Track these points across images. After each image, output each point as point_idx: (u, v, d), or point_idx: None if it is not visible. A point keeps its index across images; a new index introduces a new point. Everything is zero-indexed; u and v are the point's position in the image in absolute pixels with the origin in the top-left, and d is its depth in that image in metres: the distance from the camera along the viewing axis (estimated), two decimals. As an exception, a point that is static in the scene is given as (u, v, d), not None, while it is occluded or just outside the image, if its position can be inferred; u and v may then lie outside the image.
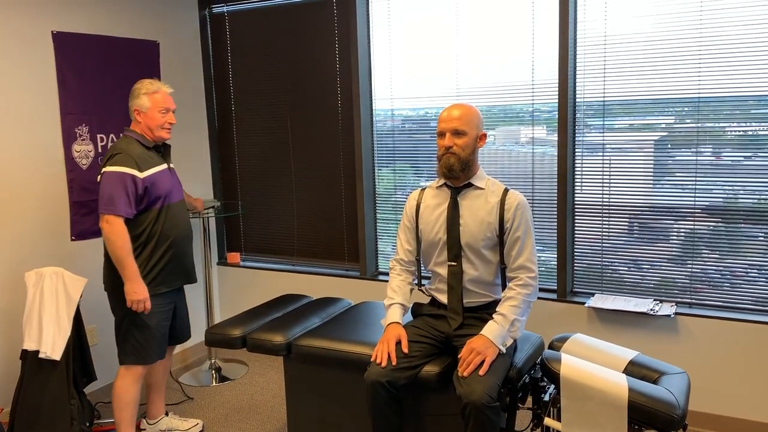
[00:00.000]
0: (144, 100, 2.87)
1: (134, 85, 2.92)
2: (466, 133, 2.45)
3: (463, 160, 2.46)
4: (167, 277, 2.96)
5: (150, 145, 2.91)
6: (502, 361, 2.35)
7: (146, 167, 2.84)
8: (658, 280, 3.29)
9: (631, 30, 3.15)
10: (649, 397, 2.13)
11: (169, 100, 2.93)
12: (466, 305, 2.53)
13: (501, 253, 2.50)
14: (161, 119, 2.90)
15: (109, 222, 2.75)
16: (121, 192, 2.75)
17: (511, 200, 2.48)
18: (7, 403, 3.13)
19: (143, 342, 2.92)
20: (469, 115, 2.47)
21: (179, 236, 2.99)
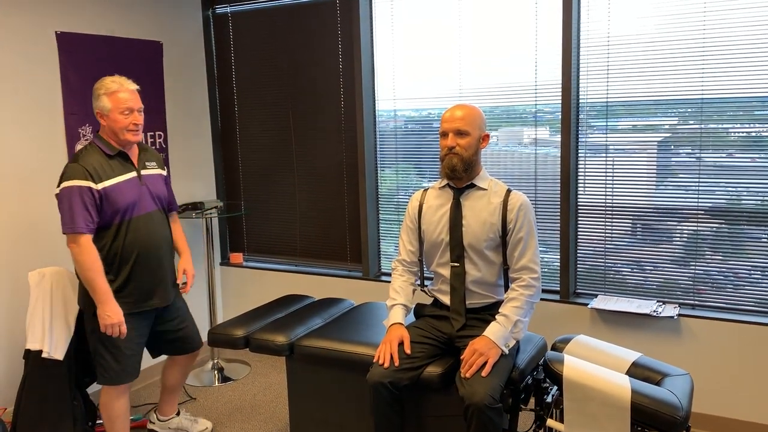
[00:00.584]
0: (104, 101, 2.61)
1: (94, 85, 2.66)
2: (469, 134, 2.45)
3: (466, 160, 2.46)
4: (136, 299, 2.72)
5: (113, 152, 2.65)
6: (504, 363, 2.35)
7: (104, 178, 2.59)
8: (662, 281, 3.28)
9: (635, 31, 3.15)
10: (651, 398, 2.12)
11: (133, 99, 2.64)
12: (469, 306, 2.52)
13: (504, 254, 2.50)
14: (124, 121, 2.61)
15: (76, 242, 2.53)
16: (78, 207, 2.52)
17: (514, 201, 2.47)
18: (10, 403, 3.14)
19: (112, 362, 2.72)
20: (472, 116, 2.46)
21: (146, 253, 2.71)
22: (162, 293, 2.80)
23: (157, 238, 2.75)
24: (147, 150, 2.82)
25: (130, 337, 2.72)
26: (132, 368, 2.78)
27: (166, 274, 2.81)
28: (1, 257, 3.21)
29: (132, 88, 2.66)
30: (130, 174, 2.68)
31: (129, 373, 2.78)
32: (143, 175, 2.73)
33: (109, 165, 2.62)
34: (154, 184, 2.77)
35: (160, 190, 2.80)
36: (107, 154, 2.64)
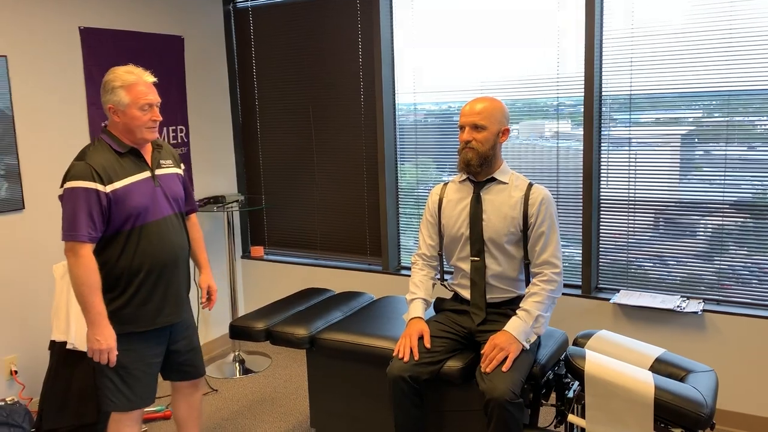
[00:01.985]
0: (120, 95, 2.25)
1: (105, 76, 2.30)
2: (486, 128, 2.43)
3: (482, 155, 2.43)
4: (146, 315, 2.37)
5: (124, 149, 2.31)
6: (525, 358, 2.34)
7: (114, 179, 2.24)
8: (685, 276, 3.24)
9: (659, 22, 3.10)
10: (675, 395, 2.10)
11: (152, 93, 2.31)
12: (489, 301, 2.51)
13: (525, 248, 2.48)
14: (143, 118, 2.28)
15: (74, 251, 2.18)
16: (82, 212, 2.18)
17: (536, 195, 2.45)
18: (36, 393, 3.19)
19: (120, 385, 2.34)
20: (491, 110, 2.44)
21: (160, 263, 2.35)
22: (175, 307, 2.45)
23: (173, 246, 2.39)
24: (162, 146, 2.45)
25: (141, 356, 2.37)
26: (144, 392, 2.40)
27: (181, 287, 2.47)
28: (25, 250, 3.26)
29: (150, 80, 2.33)
30: (143, 174, 2.33)
31: (141, 398, 2.39)
32: (158, 176, 2.38)
33: (119, 164, 2.27)
34: (170, 184, 2.42)
35: (177, 192, 2.44)
36: (117, 151, 2.29)
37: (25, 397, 3.23)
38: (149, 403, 2.44)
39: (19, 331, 3.26)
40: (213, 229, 4.32)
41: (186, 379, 2.61)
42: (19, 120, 3.19)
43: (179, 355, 2.55)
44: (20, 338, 3.27)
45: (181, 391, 2.65)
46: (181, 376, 2.60)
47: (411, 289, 2.63)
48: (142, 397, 2.40)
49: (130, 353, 2.35)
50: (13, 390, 3.23)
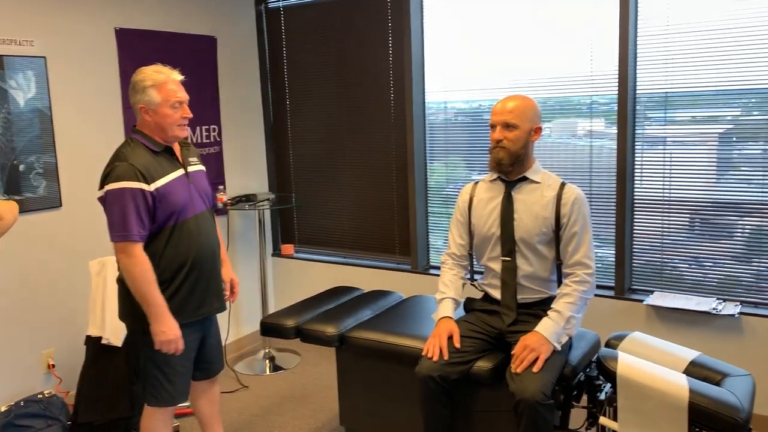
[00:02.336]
0: (151, 94, 2.30)
1: (133, 76, 2.34)
2: (518, 127, 2.40)
3: (513, 153, 2.41)
4: (190, 307, 2.42)
5: (159, 149, 2.35)
6: (556, 359, 2.31)
7: (156, 177, 2.29)
8: (722, 278, 3.17)
9: (696, 18, 3.03)
10: (711, 399, 2.05)
11: (181, 90, 2.36)
12: (520, 301, 2.49)
13: (557, 248, 2.45)
14: (175, 115, 2.33)
15: (127, 252, 2.23)
16: (131, 212, 2.22)
17: (568, 194, 2.42)
18: (73, 386, 3.27)
19: (164, 381, 2.41)
20: (523, 108, 2.41)
21: (201, 257, 2.41)
22: (218, 298, 2.53)
23: (210, 240, 2.46)
24: (187, 145, 2.53)
25: (183, 352, 2.41)
26: (184, 387, 2.48)
27: (219, 278, 2.54)
28: (63, 247, 3.33)
29: (178, 78, 2.37)
30: (178, 172, 2.38)
31: (181, 393, 2.47)
32: (189, 173, 2.44)
33: (157, 163, 2.32)
34: (200, 181, 2.48)
35: (206, 188, 2.51)
36: (153, 151, 2.34)
37: (62, 390, 3.30)
38: (186, 398, 2.50)
39: (56, 325, 3.34)
40: (244, 227, 4.37)
41: (209, 376, 2.66)
42: (57, 119, 3.26)
43: (207, 351, 2.59)
44: (57, 333, 3.34)
45: (201, 387, 2.68)
46: (205, 374, 2.64)
47: (440, 288, 2.62)
48: (182, 393, 2.46)
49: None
50: (50, 383, 3.30)
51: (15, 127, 3.09)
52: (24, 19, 3.11)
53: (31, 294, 3.22)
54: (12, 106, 3.07)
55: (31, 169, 3.17)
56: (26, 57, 3.11)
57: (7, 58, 3.04)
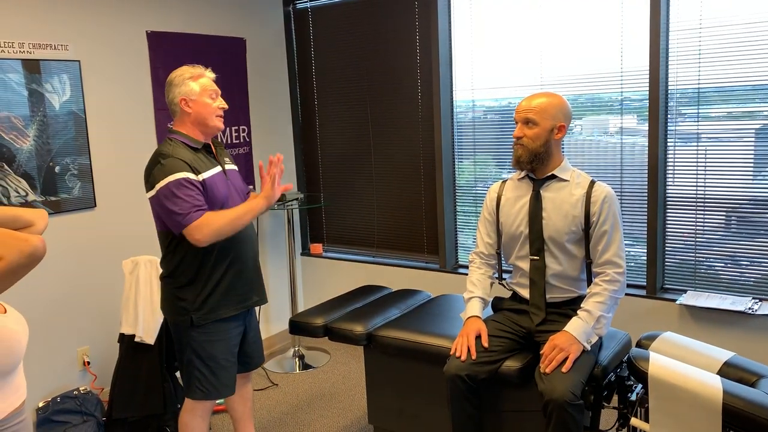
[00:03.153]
0: (191, 85, 2.37)
1: (169, 76, 2.43)
2: (538, 124, 2.36)
3: (532, 151, 2.38)
4: (233, 299, 2.46)
5: (199, 146, 2.42)
6: (586, 359, 2.28)
7: (200, 171, 2.36)
8: (758, 277, 3.09)
9: (730, 11, 2.96)
10: (746, 401, 2.01)
11: (215, 84, 2.46)
12: (549, 300, 2.47)
13: (586, 247, 2.42)
14: (213, 105, 2.41)
15: (198, 229, 2.26)
16: (188, 198, 2.27)
17: (598, 192, 2.39)
18: (107, 383, 3.33)
19: (209, 375, 2.46)
20: (546, 105, 2.37)
21: (243, 250, 2.48)
22: (258, 291, 2.57)
23: (250, 233, 2.54)
24: (221, 145, 2.59)
25: (227, 346, 2.47)
26: (228, 381, 2.51)
27: (260, 271, 2.60)
28: (97, 246, 3.41)
29: (212, 75, 2.47)
30: (217, 168, 2.44)
31: (225, 386, 2.50)
32: (226, 170, 2.51)
33: (198, 159, 2.38)
34: (235, 179, 2.56)
35: (241, 186, 2.59)
36: (193, 148, 2.39)
37: (97, 387, 3.37)
38: (232, 392, 2.54)
39: (91, 323, 3.41)
40: (274, 226, 4.40)
41: (249, 369, 2.69)
42: (91, 122, 3.33)
43: (248, 344, 2.64)
44: (92, 330, 3.42)
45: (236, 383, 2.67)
46: (245, 367, 2.66)
47: (468, 287, 2.61)
48: (227, 386, 2.51)
49: (220, 343, 2.46)
50: (85, 380, 3.38)
51: (51, 130, 3.17)
52: (59, 24, 3.18)
53: (67, 293, 3.30)
54: (48, 109, 3.15)
55: (67, 170, 3.24)
56: (61, 61, 3.19)
57: (43, 62, 3.11)
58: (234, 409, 2.77)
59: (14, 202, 3.05)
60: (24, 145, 3.08)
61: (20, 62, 3.03)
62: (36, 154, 3.12)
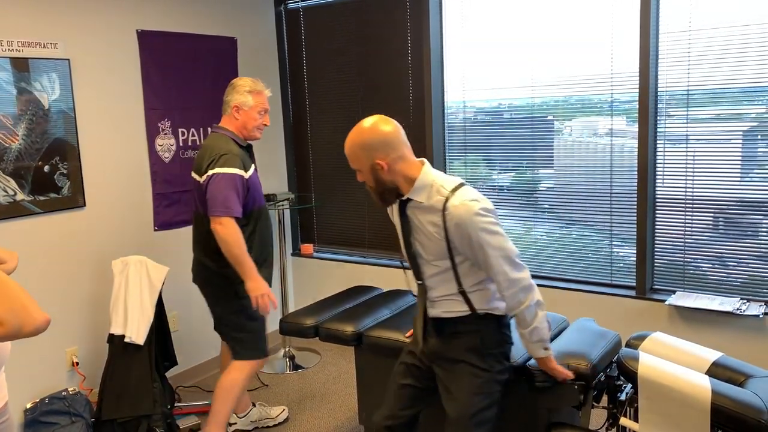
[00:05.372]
0: (248, 98, 2.83)
1: (235, 80, 2.88)
2: (360, 170, 2.13)
3: (376, 190, 2.14)
4: (268, 275, 2.97)
5: (244, 144, 2.87)
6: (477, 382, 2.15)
7: (247, 167, 2.81)
8: (746, 278, 3.12)
9: (720, 14, 2.99)
10: (734, 400, 2.02)
11: (267, 102, 2.92)
12: (434, 317, 2.23)
13: (455, 271, 2.14)
14: (259, 120, 2.87)
15: (224, 224, 2.69)
16: (233, 193, 2.71)
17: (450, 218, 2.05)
18: (96, 384, 3.31)
19: (256, 334, 2.92)
20: (351, 151, 2.12)
21: (271, 237, 3.03)
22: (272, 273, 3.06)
23: (270, 223, 3.04)
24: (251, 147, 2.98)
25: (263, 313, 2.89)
26: (266, 341, 3.00)
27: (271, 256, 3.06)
28: (86, 246, 3.39)
29: (269, 94, 2.94)
30: (253, 167, 2.90)
31: (267, 346, 2.99)
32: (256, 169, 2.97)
33: (244, 155, 2.82)
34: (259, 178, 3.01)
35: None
36: (240, 145, 2.84)
37: (86, 387, 3.35)
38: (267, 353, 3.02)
39: (80, 323, 3.39)
40: (264, 226, 4.40)
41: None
42: (80, 121, 3.31)
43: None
44: (81, 331, 3.40)
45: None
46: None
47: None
48: (267, 345, 3.01)
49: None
50: (74, 381, 3.36)
51: (40, 129, 3.15)
52: (48, 22, 3.16)
53: (56, 293, 3.28)
54: (37, 108, 3.13)
55: (56, 169, 3.22)
56: (51, 59, 3.17)
57: (32, 60, 3.09)
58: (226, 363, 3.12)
59: (2, 201, 3.03)
60: (12, 144, 3.06)
61: (8, 60, 3.01)
62: (25, 153, 3.10)
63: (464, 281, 2.14)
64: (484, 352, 2.16)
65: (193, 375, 3.94)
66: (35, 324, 1.38)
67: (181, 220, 3.82)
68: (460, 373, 2.16)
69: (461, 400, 2.15)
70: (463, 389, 2.15)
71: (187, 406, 3.54)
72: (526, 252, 3.73)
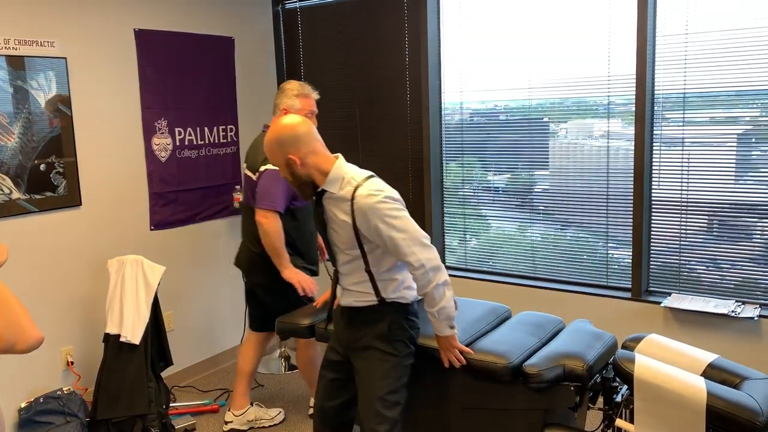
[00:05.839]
0: (295, 101, 3.02)
1: (284, 84, 3.07)
2: (278, 166, 2.26)
3: (294, 184, 2.26)
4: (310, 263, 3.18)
5: None
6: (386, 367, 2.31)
7: None
8: (740, 280, 3.13)
9: (716, 18, 3.01)
10: (729, 402, 2.03)
11: (315, 105, 3.09)
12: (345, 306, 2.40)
13: (363, 256, 2.27)
14: None
15: (267, 217, 2.92)
16: (279, 189, 2.93)
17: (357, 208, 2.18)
18: (91, 383, 3.31)
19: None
20: (269, 149, 2.23)
21: (312, 232, 3.20)
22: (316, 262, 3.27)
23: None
24: None
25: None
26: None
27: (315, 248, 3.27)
28: (82, 245, 3.38)
29: (316, 97, 3.13)
30: None
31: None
32: None
33: None
34: None
35: None
36: None
37: (81, 387, 3.34)
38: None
39: (75, 323, 3.38)
40: (260, 226, 4.39)
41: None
42: (77, 119, 3.31)
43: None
44: (77, 330, 3.39)
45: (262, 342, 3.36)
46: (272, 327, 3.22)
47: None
48: None
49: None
50: (69, 380, 3.35)
51: (36, 127, 3.14)
52: (45, 21, 3.15)
53: (51, 292, 3.27)
54: (33, 106, 3.12)
55: (52, 168, 3.21)
56: (47, 58, 3.16)
57: (28, 59, 3.08)
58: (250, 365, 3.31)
59: (-2, 199, 3.02)
60: (8, 142, 3.05)
61: (4, 58, 3.00)
62: (21, 152, 3.09)
63: (373, 269, 2.27)
64: (392, 339, 2.31)
65: (189, 375, 3.93)
66: (29, 342, 1.38)
67: (177, 219, 3.81)
68: (370, 359, 2.32)
69: (371, 384, 2.30)
70: (372, 373, 2.31)
71: (183, 406, 3.53)
72: (522, 253, 3.74)
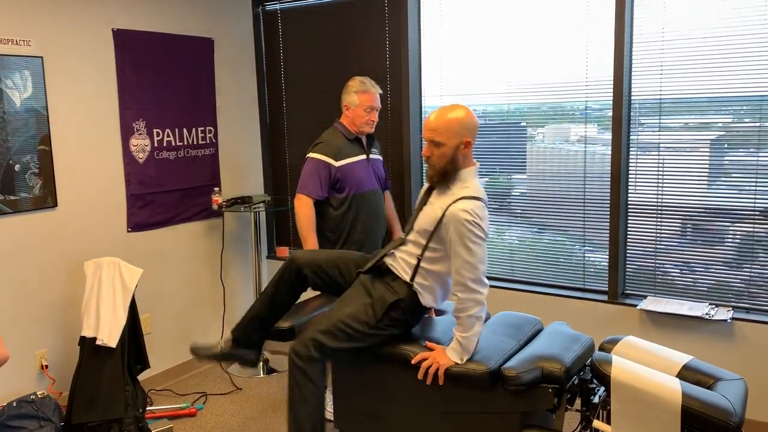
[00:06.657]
0: (354, 97, 3.23)
1: (349, 81, 3.28)
2: (443, 144, 2.34)
3: (440, 171, 2.38)
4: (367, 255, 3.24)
5: (352, 137, 3.27)
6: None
7: (342, 157, 3.21)
8: (714, 283, 3.20)
9: (691, 25, 3.07)
10: (703, 402, 2.07)
11: (375, 100, 3.24)
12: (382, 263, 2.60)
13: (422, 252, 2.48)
14: (365, 116, 3.23)
15: (300, 200, 3.19)
16: (314, 176, 3.17)
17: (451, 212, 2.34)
18: (66, 387, 3.26)
19: None
20: (447, 124, 2.34)
21: (366, 220, 3.31)
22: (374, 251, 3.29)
23: (377, 209, 3.37)
24: (373, 138, 3.40)
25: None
26: None
27: (379, 237, 3.41)
28: (57, 247, 3.33)
29: (378, 92, 3.28)
30: (361, 156, 3.29)
31: None
32: (371, 159, 3.35)
33: (348, 147, 3.26)
34: (378, 167, 3.41)
35: (381, 172, 3.44)
36: (347, 138, 3.26)
37: (55, 391, 3.29)
38: None
39: (50, 326, 3.33)
40: (239, 229, 4.37)
41: None
42: (53, 119, 3.26)
43: None
44: (51, 333, 3.34)
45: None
46: None
47: None
48: None
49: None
50: (43, 384, 3.29)
51: (11, 127, 3.09)
52: (21, 19, 3.11)
53: (25, 294, 3.21)
54: (8, 105, 3.07)
55: (27, 169, 3.16)
56: (23, 57, 3.11)
57: (3, 57, 3.04)
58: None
59: (-29, 200, 2.96)
60: (-17, 142, 3.00)
61: (-20, 57, 2.95)
62: (-5, 152, 3.04)
63: (423, 262, 2.45)
64: (390, 312, 2.47)
65: (166, 378, 3.89)
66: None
67: (155, 221, 3.78)
68: (362, 298, 2.50)
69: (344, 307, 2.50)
70: (352, 305, 2.49)
71: (160, 409, 3.50)
72: (499, 256, 3.77)
